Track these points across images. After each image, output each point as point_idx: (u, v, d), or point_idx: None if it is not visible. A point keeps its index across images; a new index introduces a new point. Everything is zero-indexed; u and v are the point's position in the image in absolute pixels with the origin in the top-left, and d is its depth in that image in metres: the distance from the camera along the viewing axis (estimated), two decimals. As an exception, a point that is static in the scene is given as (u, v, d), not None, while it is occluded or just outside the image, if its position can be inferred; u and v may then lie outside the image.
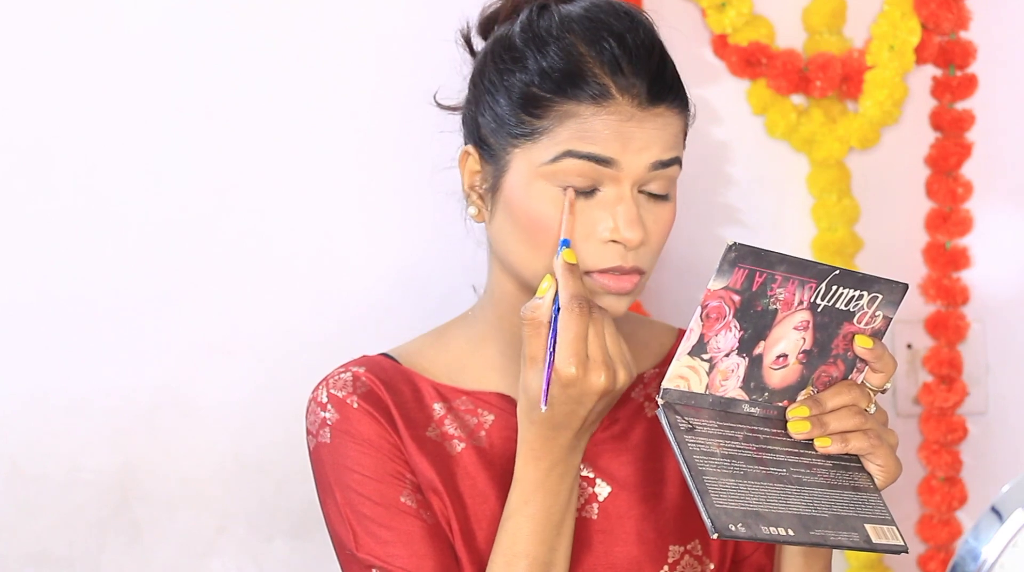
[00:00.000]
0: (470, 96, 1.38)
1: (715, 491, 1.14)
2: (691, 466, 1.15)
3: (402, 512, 1.32)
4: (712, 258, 1.98)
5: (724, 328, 1.19)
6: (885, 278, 1.22)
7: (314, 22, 1.82)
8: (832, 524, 1.19)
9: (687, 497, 1.40)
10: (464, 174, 1.36)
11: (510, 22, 1.37)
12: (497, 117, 1.32)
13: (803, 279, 1.19)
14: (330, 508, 1.35)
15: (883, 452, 1.24)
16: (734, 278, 1.17)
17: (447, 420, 1.38)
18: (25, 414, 1.73)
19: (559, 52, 1.30)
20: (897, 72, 1.99)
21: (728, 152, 2.00)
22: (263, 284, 1.81)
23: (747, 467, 1.18)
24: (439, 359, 1.42)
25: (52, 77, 1.73)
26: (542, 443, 1.27)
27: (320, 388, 1.38)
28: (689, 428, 1.18)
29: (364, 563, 1.32)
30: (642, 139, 1.28)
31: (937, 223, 2.05)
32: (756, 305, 1.19)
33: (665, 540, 1.39)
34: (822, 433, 1.23)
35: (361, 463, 1.34)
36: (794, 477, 1.20)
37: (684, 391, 1.20)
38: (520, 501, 1.28)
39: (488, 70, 1.35)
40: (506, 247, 1.33)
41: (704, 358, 1.20)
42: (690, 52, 1.96)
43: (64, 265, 1.74)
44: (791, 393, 1.24)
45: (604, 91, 1.28)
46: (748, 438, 1.21)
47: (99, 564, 1.75)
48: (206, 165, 1.79)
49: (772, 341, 1.21)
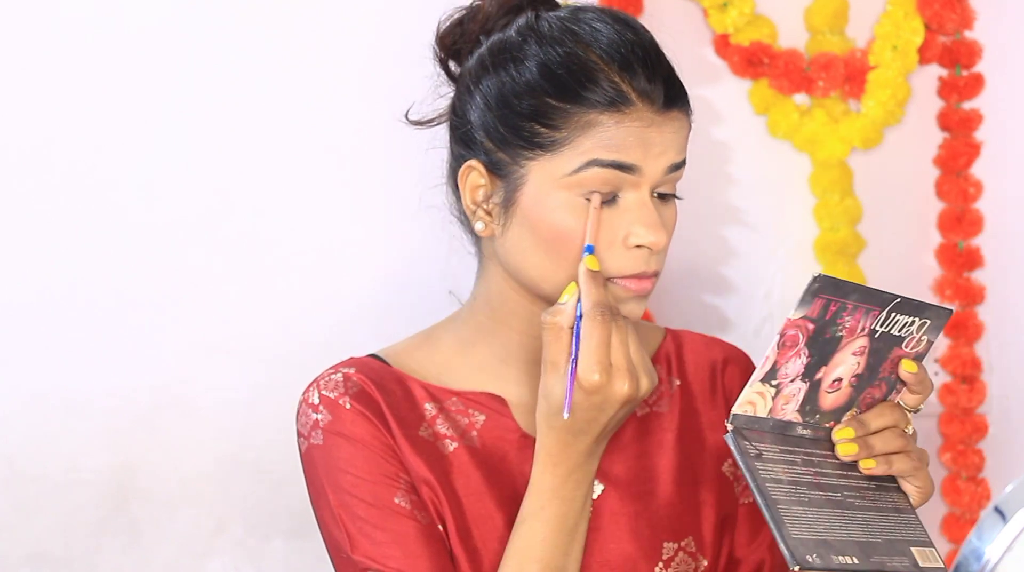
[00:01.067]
0: (460, 108, 1.36)
1: (789, 520, 1.15)
2: (765, 495, 1.16)
3: (396, 513, 1.32)
4: (713, 258, 1.99)
5: (795, 355, 1.20)
6: (935, 305, 1.24)
7: (313, 26, 1.82)
8: (886, 549, 1.20)
9: (680, 494, 1.41)
10: (466, 190, 1.34)
11: (500, 30, 1.35)
12: (505, 130, 1.30)
13: (869, 307, 1.20)
14: (323, 510, 1.34)
15: (922, 473, 1.25)
16: (813, 308, 1.18)
17: (439, 420, 1.38)
18: (24, 414, 1.72)
19: (570, 60, 1.29)
20: (900, 72, 1.99)
21: (730, 152, 1.99)
22: (262, 285, 1.81)
23: (810, 493, 1.19)
24: (428, 360, 1.41)
25: (52, 77, 1.73)
26: (560, 449, 1.27)
27: (311, 390, 1.37)
28: (758, 454, 1.19)
29: (360, 565, 1.31)
30: (661, 144, 1.29)
31: (951, 224, 2.05)
32: (826, 333, 1.20)
33: (659, 537, 1.39)
34: (868, 455, 1.23)
35: (354, 464, 1.33)
36: (848, 501, 1.21)
37: (750, 416, 1.21)
38: (536, 506, 1.28)
39: (487, 80, 1.33)
40: (523, 260, 1.32)
41: (773, 384, 1.20)
42: (692, 52, 1.96)
43: (63, 265, 1.74)
44: (838, 415, 1.25)
45: (624, 97, 1.27)
46: (806, 462, 1.22)
47: (97, 564, 1.74)
48: (206, 167, 1.78)
49: (832, 366, 1.22)
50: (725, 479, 1.44)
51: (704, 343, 1.50)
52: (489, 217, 1.33)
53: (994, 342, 2.09)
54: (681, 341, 1.49)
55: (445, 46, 1.41)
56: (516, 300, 1.36)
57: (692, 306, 1.98)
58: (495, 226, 1.33)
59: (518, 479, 1.37)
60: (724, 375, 1.47)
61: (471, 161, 1.34)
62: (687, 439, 1.44)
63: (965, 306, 2.06)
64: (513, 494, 1.36)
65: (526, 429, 1.39)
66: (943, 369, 2.07)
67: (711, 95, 1.97)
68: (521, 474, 1.37)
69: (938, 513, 2.08)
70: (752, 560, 1.43)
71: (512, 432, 1.38)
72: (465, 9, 1.40)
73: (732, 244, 2.00)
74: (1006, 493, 1.32)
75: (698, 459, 1.43)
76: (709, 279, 1.99)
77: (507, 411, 1.39)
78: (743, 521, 1.44)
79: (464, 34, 1.39)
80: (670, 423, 1.44)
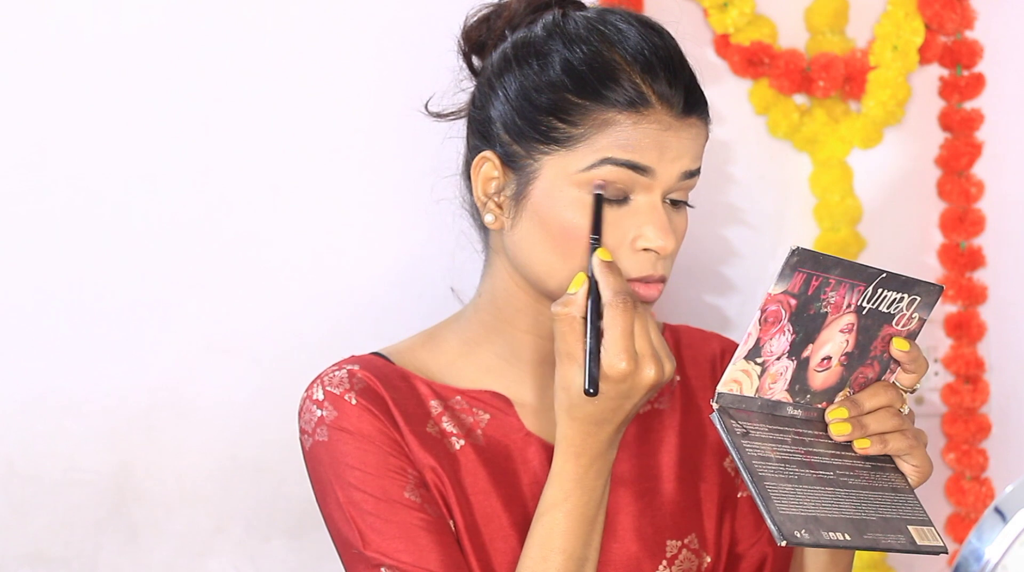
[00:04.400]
0: (480, 101, 1.37)
1: (776, 497, 1.15)
2: (751, 472, 1.16)
3: (406, 507, 1.31)
4: (713, 258, 1.99)
5: (779, 332, 1.19)
6: (924, 281, 1.23)
7: (314, 25, 1.82)
8: (881, 527, 1.20)
9: (682, 491, 1.41)
10: (478, 181, 1.35)
11: (525, 27, 1.36)
12: (523, 123, 1.31)
13: (853, 282, 1.20)
14: (332, 508, 1.34)
15: (919, 452, 1.25)
16: (793, 282, 1.17)
17: (444, 417, 1.38)
18: (22, 414, 1.72)
19: (594, 58, 1.30)
20: (900, 72, 1.98)
21: (730, 152, 1.99)
22: (261, 284, 1.80)
23: (800, 471, 1.18)
24: (431, 359, 1.41)
25: (51, 78, 1.73)
26: (583, 439, 1.27)
27: (315, 386, 1.36)
28: (744, 432, 1.19)
29: (372, 561, 1.30)
30: (677, 149, 1.29)
31: (953, 224, 2.05)
32: (809, 309, 1.19)
33: (662, 535, 1.39)
34: (862, 434, 1.23)
35: (362, 460, 1.32)
36: (840, 480, 1.20)
37: (736, 395, 1.20)
38: (559, 497, 1.28)
39: (509, 74, 1.33)
40: (530, 255, 1.32)
41: (758, 362, 1.20)
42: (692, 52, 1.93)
43: (61, 265, 1.74)
44: (830, 395, 1.25)
45: (644, 99, 1.28)
46: (796, 441, 1.21)
47: (96, 564, 1.74)
48: (204, 166, 1.78)
49: (819, 344, 1.21)
50: (727, 475, 1.44)
51: (702, 337, 1.50)
52: (499, 210, 1.34)
53: (996, 342, 2.09)
54: (679, 336, 1.49)
55: (471, 41, 1.42)
56: (522, 298, 1.36)
57: (692, 306, 1.98)
58: (505, 219, 1.33)
59: (522, 478, 1.37)
60: (723, 368, 1.47)
61: (486, 152, 1.34)
62: (688, 435, 1.44)
63: (967, 306, 2.06)
64: (517, 493, 1.36)
65: (531, 428, 1.39)
66: (946, 369, 2.07)
67: (711, 95, 1.93)
68: (525, 473, 1.37)
69: (942, 513, 2.08)
70: (754, 555, 1.44)
71: (517, 431, 1.38)
72: (492, 6, 1.42)
73: (732, 244, 2.00)
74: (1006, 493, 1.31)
75: (699, 455, 1.44)
76: (709, 279, 1.99)
77: (512, 410, 1.39)
78: (744, 515, 1.44)
79: (490, 30, 1.40)
80: (671, 420, 1.44)
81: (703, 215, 1.95)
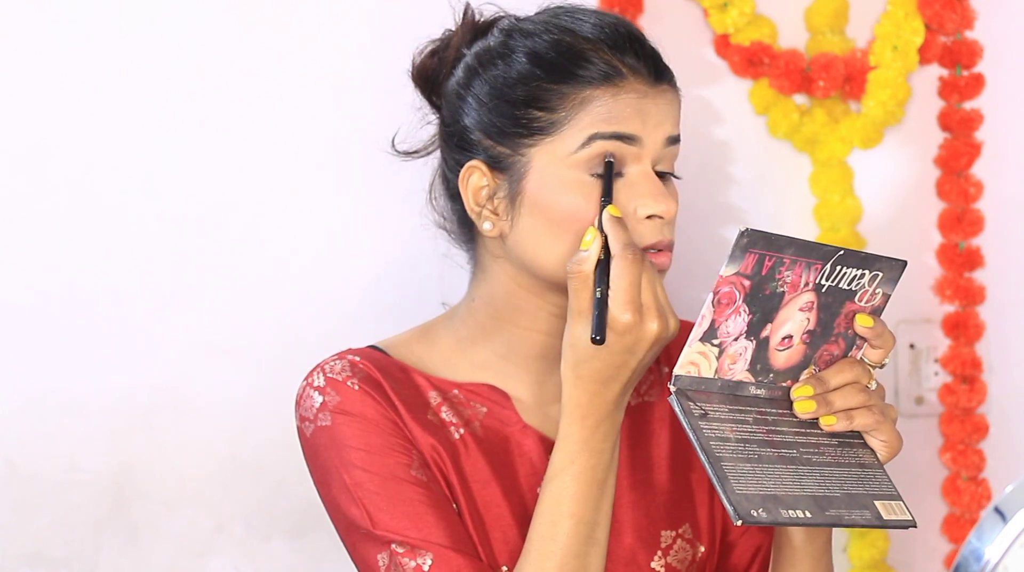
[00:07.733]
0: (451, 116, 1.38)
1: (734, 477, 1.15)
2: (708, 453, 1.16)
3: (412, 484, 1.31)
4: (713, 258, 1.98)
5: (734, 313, 1.19)
6: (886, 256, 1.23)
7: (314, 25, 1.82)
8: (844, 503, 1.19)
9: (675, 482, 1.42)
10: (468, 193, 1.35)
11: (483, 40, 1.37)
12: (502, 122, 1.32)
13: (809, 261, 1.20)
14: (336, 490, 1.33)
15: (887, 427, 1.25)
16: (745, 263, 1.17)
17: (444, 408, 1.38)
18: (22, 414, 1.72)
19: (559, 43, 1.32)
20: (900, 72, 1.98)
21: (730, 152, 1.99)
22: (260, 284, 1.80)
23: (760, 450, 1.18)
24: (427, 354, 1.41)
25: (50, 78, 1.73)
26: (589, 399, 1.26)
27: (315, 374, 1.37)
28: (703, 414, 1.19)
29: (382, 539, 1.30)
30: (657, 115, 1.31)
31: (952, 224, 2.05)
32: (765, 289, 1.19)
33: (656, 526, 1.39)
34: (827, 412, 1.24)
35: (366, 441, 1.32)
36: (804, 457, 1.20)
37: (695, 377, 1.20)
38: (566, 460, 1.27)
39: (477, 80, 1.35)
40: (537, 249, 1.32)
41: (714, 343, 1.20)
42: (692, 52, 1.96)
43: (60, 265, 1.74)
44: (795, 373, 1.25)
45: (617, 71, 1.30)
46: (758, 421, 1.21)
47: (96, 564, 1.74)
48: (203, 167, 1.78)
49: (778, 323, 1.21)
50: None
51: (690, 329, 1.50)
52: (496, 216, 1.34)
53: (994, 342, 2.09)
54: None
55: (425, 76, 1.43)
56: (524, 297, 1.37)
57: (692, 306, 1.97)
58: (503, 223, 1.34)
59: (519, 468, 1.37)
60: None
61: (471, 162, 1.34)
62: (679, 426, 1.44)
63: (965, 306, 2.06)
64: (515, 484, 1.37)
65: (528, 421, 1.39)
66: (943, 369, 2.07)
67: (711, 95, 1.97)
68: (523, 464, 1.38)
69: (939, 513, 2.08)
70: (748, 543, 1.44)
71: (514, 423, 1.39)
72: (437, 40, 1.44)
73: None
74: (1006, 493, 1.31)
75: (690, 445, 1.44)
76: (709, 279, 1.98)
77: (509, 403, 1.39)
78: None
79: (442, 61, 1.42)
80: (661, 411, 1.45)
81: (703, 215, 1.96)
